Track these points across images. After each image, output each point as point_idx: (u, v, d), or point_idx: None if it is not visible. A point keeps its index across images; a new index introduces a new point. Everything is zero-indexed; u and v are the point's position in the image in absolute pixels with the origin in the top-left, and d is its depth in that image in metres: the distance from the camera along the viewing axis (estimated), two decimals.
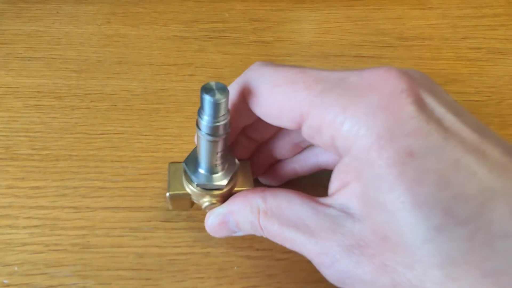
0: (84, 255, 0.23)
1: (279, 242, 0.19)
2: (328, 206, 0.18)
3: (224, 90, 0.17)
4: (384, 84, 0.17)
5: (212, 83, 0.17)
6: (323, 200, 0.18)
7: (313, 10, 0.41)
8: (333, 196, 0.18)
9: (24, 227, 0.24)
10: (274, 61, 0.30)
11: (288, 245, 0.19)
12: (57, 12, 0.38)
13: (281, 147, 0.24)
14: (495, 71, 0.36)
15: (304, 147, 0.24)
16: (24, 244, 0.24)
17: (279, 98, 0.18)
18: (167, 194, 0.21)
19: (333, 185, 0.18)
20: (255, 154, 0.25)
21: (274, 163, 0.26)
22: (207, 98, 0.16)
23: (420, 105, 0.16)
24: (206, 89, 0.17)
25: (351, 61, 0.37)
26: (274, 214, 0.19)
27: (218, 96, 0.16)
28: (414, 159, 0.15)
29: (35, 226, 0.24)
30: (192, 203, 0.23)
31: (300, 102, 0.17)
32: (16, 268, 0.23)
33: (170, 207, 0.23)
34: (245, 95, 0.19)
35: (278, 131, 0.24)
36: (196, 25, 0.39)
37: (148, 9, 0.40)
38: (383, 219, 0.16)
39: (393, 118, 0.16)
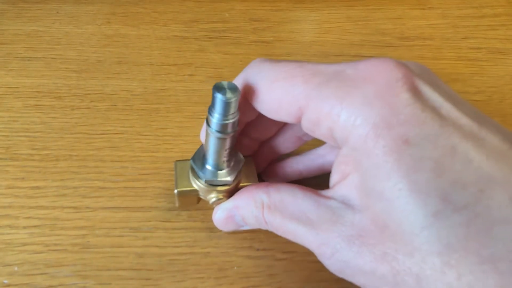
0: (84, 255, 0.23)
1: (282, 235, 0.19)
2: (329, 198, 0.18)
3: (235, 90, 0.17)
4: (379, 74, 0.17)
5: (224, 83, 0.18)
6: (324, 192, 0.19)
7: (313, 10, 0.41)
8: (334, 188, 0.18)
9: (24, 227, 0.24)
10: None
11: (291, 237, 0.19)
12: (57, 12, 0.38)
13: (284, 141, 0.25)
14: (496, 71, 0.36)
15: (307, 140, 0.24)
16: (24, 244, 0.24)
17: (278, 92, 0.18)
18: (176, 191, 0.22)
19: (334, 177, 0.18)
20: (258, 148, 0.25)
21: (278, 158, 0.26)
22: (219, 97, 0.17)
23: (415, 93, 0.16)
24: (218, 88, 0.17)
25: (351, 60, 0.36)
26: (277, 208, 0.19)
27: (229, 95, 0.17)
28: (410, 147, 0.15)
29: (35, 226, 0.24)
30: (198, 200, 0.23)
31: (298, 95, 0.18)
32: (16, 268, 0.23)
33: (177, 204, 0.23)
34: (245, 91, 0.20)
35: (279, 129, 0.24)
36: (196, 25, 0.39)
37: (148, 9, 0.40)
38: (382, 208, 0.16)
39: (389, 107, 0.16)
